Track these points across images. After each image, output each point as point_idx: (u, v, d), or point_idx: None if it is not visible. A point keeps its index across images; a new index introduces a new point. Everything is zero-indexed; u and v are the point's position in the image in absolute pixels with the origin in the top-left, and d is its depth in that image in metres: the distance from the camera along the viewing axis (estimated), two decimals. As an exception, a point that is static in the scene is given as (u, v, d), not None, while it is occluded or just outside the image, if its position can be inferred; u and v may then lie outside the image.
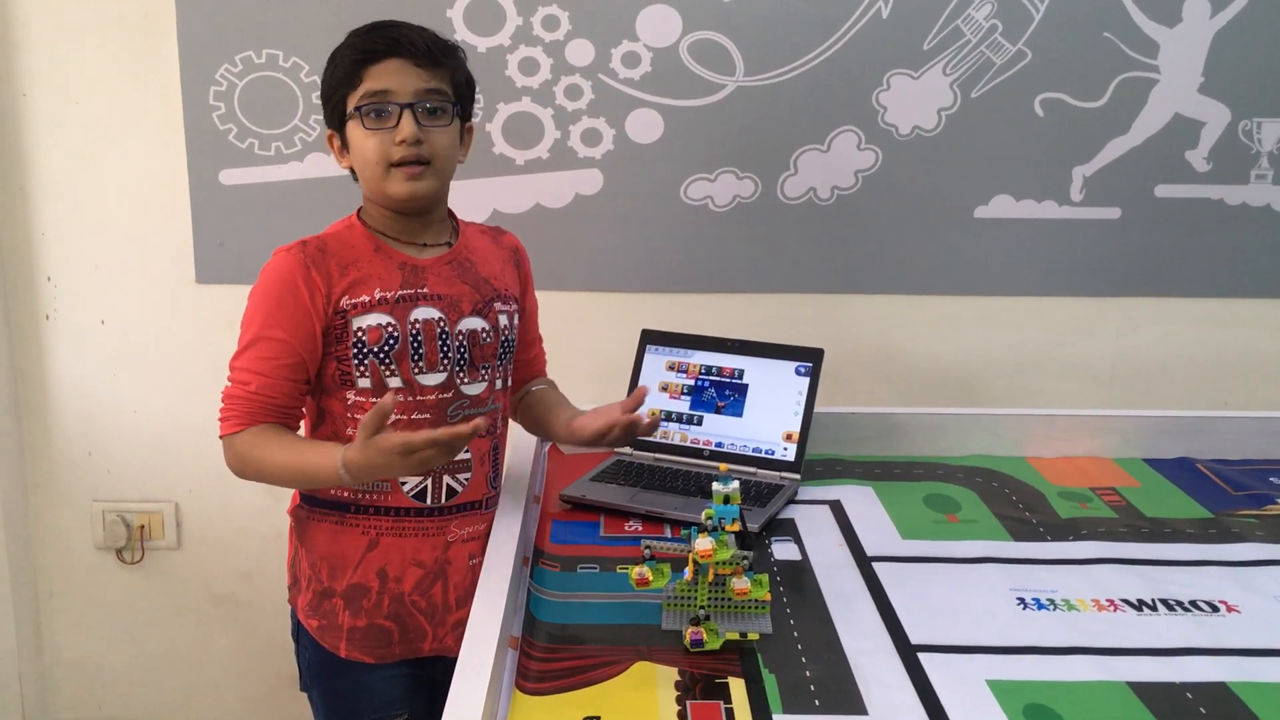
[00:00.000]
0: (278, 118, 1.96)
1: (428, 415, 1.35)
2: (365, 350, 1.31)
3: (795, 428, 1.63)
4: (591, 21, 1.93)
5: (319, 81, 1.90)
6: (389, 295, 1.32)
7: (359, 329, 1.30)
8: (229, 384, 1.31)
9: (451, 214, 1.43)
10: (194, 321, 2.04)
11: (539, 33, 1.93)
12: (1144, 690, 1.07)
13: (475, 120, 1.91)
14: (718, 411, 1.67)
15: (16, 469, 2.12)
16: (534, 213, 2.01)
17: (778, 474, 1.60)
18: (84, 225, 2.02)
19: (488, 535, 1.38)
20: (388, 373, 1.32)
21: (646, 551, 1.17)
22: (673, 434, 1.68)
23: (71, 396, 2.10)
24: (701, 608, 1.17)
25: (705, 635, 1.12)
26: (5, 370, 2.07)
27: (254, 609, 2.21)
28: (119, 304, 2.06)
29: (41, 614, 2.22)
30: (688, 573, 1.16)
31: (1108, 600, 1.26)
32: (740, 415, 1.66)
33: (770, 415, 1.65)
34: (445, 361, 1.35)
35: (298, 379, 1.30)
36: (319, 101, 1.92)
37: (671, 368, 1.71)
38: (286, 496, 1.43)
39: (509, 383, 1.48)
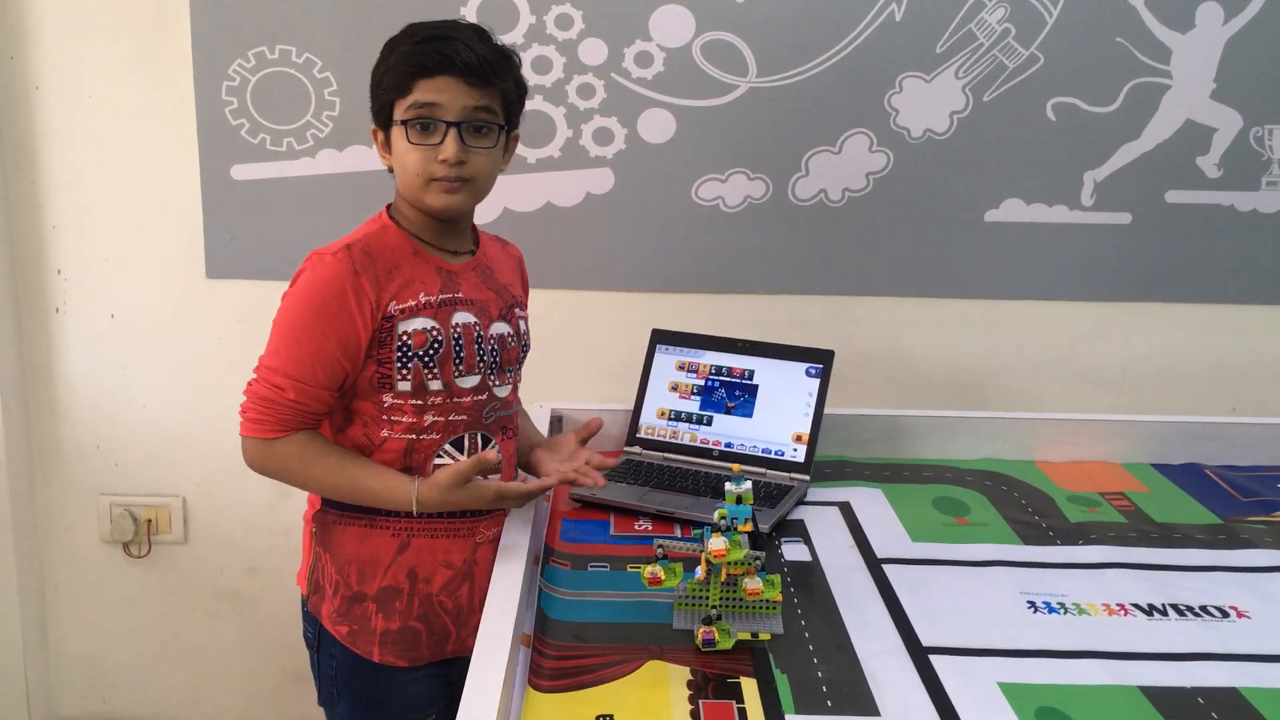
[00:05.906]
0: (290, 113, 1.96)
1: (464, 417, 1.35)
2: (410, 354, 1.30)
3: (805, 429, 1.63)
4: (604, 21, 1.93)
5: (331, 78, 1.94)
6: (432, 299, 1.31)
7: (404, 333, 1.29)
8: (260, 384, 1.28)
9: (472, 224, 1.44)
10: (204, 316, 2.04)
11: (552, 31, 1.93)
12: (1155, 694, 1.08)
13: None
14: (727, 412, 1.67)
15: (24, 462, 2.12)
16: (545, 211, 2.01)
17: (787, 475, 1.61)
18: (95, 219, 2.03)
19: None
20: (430, 376, 1.31)
21: (660, 550, 1.18)
22: (682, 434, 1.68)
23: (80, 390, 2.11)
24: (714, 607, 1.17)
25: (717, 635, 1.12)
26: (14, 363, 2.07)
27: (260, 604, 2.21)
28: (129, 298, 2.06)
29: (47, 607, 2.22)
30: (700, 572, 1.17)
31: (1118, 604, 1.27)
32: (750, 416, 1.66)
33: (780, 416, 1.65)
34: (481, 365, 1.35)
35: (334, 387, 1.29)
36: (331, 98, 1.95)
37: (681, 368, 1.71)
38: (294, 492, 1.40)
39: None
